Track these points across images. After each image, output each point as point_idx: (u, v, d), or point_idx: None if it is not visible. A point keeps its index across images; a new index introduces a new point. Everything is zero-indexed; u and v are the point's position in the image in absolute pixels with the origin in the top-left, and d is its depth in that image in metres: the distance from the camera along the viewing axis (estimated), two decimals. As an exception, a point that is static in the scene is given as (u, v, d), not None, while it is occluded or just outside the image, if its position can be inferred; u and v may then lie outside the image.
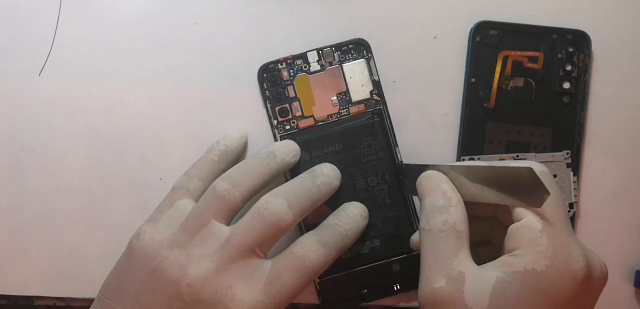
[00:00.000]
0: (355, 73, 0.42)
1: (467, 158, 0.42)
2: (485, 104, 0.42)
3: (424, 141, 0.42)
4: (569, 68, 0.42)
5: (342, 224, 0.38)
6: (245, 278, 0.35)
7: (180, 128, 0.42)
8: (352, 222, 0.38)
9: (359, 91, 0.42)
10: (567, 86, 0.42)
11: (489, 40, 0.42)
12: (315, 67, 0.42)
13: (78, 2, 0.43)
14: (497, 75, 0.42)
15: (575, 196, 0.42)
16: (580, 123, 0.42)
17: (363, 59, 0.42)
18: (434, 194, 0.34)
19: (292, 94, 0.41)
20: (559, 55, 0.42)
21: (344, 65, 0.42)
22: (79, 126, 0.42)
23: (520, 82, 0.42)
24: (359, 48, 0.42)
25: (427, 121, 0.43)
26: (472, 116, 0.42)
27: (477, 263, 0.31)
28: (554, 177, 0.41)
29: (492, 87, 0.42)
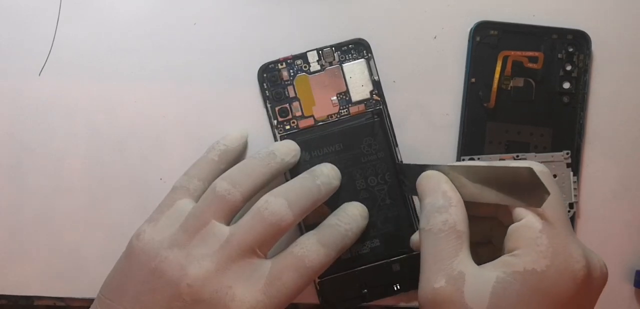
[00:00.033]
0: (355, 73, 0.42)
1: (467, 158, 0.42)
2: (485, 104, 0.42)
3: (424, 141, 0.42)
4: (569, 68, 0.42)
5: (342, 224, 0.38)
6: (245, 278, 0.35)
7: (180, 128, 0.42)
8: (352, 222, 0.38)
9: (359, 91, 0.42)
10: (567, 86, 0.42)
11: (489, 40, 0.42)
12: (315, 67, 0.42)
13: (78, 2, 0.43)
14: (497, 76, 0.42)
15: (575, 196, 0.42)
16: (580, 123, 0.42)
17: (363, 59, 0.42)
18: (434, 194, 0.34)
19: (292, 94, 0.41)
20: (559, 55, 0.42)
21: (344, 65, 0.42)
22: (79, 126, 0.42)
23: (520, 82, 0.42)
24: (359, 48, 0.42)
25: (427, 121, 0.43)
26: (472, 116, 0.42)
27: (477, 263, 0.31)
28: (554, 177, 0.41)
29: (492, 87, 0.42)
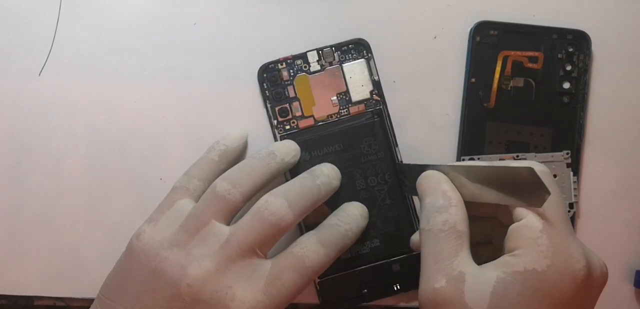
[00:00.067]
0: (355, 73, 0.42)
1: (467, 158, 0.42)
2: (485, 104, 0.42)
3: (424, 141, 0.42)
4: (569, 68, 0.42)
5: (342, 224, 0.38)
6: (245, 278, 0.35)
7: (180, 128, 0.42)
8: (352, 222, 0.38)
9: (359, 91, 0.42)
10: (567, 86, 0.42)
11: (489, 40, 0.42)
12: (315, 67, 0.42)
13: (78, 2, 0.43)
14: (497, 76, 0.42)
15: (575, 196, 0.42)
16: (580, 123, 0.42)
17: (363, 59, 0.42)
18: (434, 194, 0.34)
19: (292, 94, 0.41)
20: (559, 55, 0.42)
21: (344, 65, 0.42)
22: (79, 126, 0.42)
23: (520, 82, 0.42)
24: (359, 48, 0.42)
25: (427, 121, 0.43)
26: (472, 116, 0.42)
27: (477, 263, 0.31)
28: (554, 177, 0.41)
29: (492, 87, 0.42)
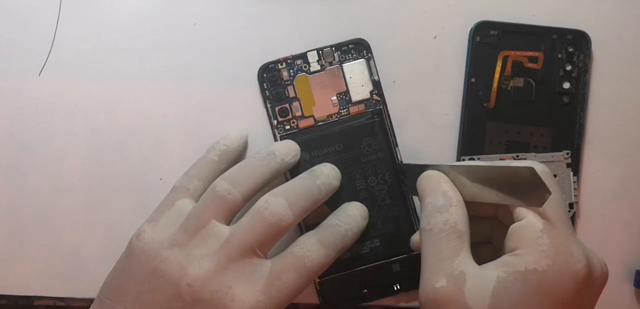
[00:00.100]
0: (355, 73, 0.42)
1: (467, 158, 0.42)
2: (485, 104, 0.42)
3: (424, 141, 0.42)
4: (569, 68, 0.42)
5: (342, 224, 0.38)
6: (245, 278, 0.35)
7: (180, 128, 0.42)
8: (352, 222, 0.38)
9: (359, 91, 0.42)
10: (567, 86, 0.42)
11: (489, 40, 0.42)
12: (315, 67, 0.42)
13: (78, 2, 0.43)
14: (497, 76, 0.42)
15: (575, 196, 0.42)
16: (580, 123, 0.42)
17: (363, 59, 0.42)
18: (435, 194, 0.34)
19: (292, 94, 0.41)
20: (559, 55, 0.42)
21: (344, 66, 0.42)
22: (79, 126, 0.42)
23: (520, 82, 0.42)
24: (359, 48, 0.42)
25: (427, 121, 0.43)
26: (472, 116, 0.42)
27: (478, 263, 0.31)
28: (554, 177, 0.41)
29: (492, 87, 0.42)
